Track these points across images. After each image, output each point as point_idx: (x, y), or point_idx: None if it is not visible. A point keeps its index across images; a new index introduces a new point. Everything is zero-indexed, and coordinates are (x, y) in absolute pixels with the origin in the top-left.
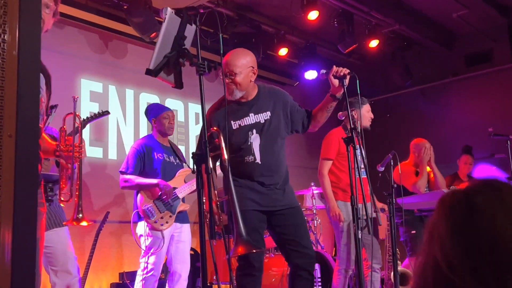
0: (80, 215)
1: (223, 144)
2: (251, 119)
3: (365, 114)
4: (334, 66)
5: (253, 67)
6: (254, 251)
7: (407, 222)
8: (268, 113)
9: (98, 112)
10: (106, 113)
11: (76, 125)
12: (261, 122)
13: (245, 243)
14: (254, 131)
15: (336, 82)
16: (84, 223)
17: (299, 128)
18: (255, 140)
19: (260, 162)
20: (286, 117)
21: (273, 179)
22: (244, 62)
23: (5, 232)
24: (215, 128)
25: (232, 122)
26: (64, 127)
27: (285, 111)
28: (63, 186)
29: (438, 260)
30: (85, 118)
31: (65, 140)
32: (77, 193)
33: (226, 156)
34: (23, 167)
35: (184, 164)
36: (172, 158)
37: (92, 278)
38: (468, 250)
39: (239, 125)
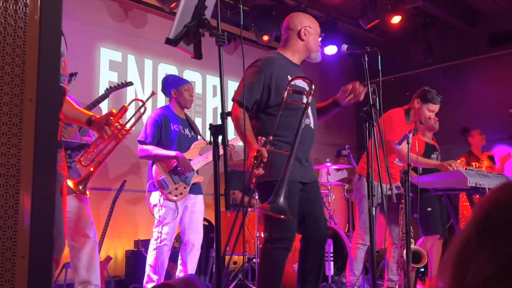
0: (81, 187)
1: None
2: (301, 83)
3: (425, 112)
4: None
5: None
6: (282, 217)
7: (422, 199)
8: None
9: (122, 83)
10: (130, 83)
11: (139, 114)
12: (307, 89)
13: (280, 207)
14: (264, 139)
15: (347, 98)
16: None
17: None
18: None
19: (313, 128)
20: None
21: (310, 148)
22: None
23: (24, 195)
24: None
25: (288, 76)
26: (126, 106)
27: None
28: (91, 150)
29: None
30: (107, 88)
31: (118, 120)
32: (92, 166)
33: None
34: (43, 131)
35: (198, 136)
36: (187, 131)
37: (107, 244)
38: None
39: (295, 83)
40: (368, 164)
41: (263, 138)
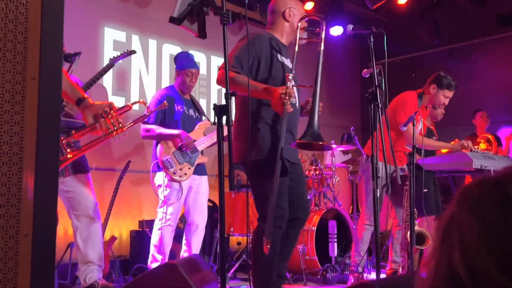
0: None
1: None
2: (288, 63)
3: (441, 98)
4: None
5: None
6: (321, 143)
7: (418, 181)
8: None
9: (125, 51)
10: (133, 52)
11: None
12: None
13: (316, 134)
14: (291, 75)
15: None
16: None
17: None
18: (292, 82)
19: (298, 107)
20: None
21: (295, 128)
22: None
23: (27, 173)
24: None
25: (278, 54)
26: (130, 105)
27: None
28: (76, 136)
29: (455, 266)
30: (111, 58)
31: (119, 116)
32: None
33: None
34: (46, 109)
35: (203, 117)
36: (191, 111)
37: (112, 224)
38: (501, 261)
39: (283, 62)
40: (373, 145)
41: (290, 74)
